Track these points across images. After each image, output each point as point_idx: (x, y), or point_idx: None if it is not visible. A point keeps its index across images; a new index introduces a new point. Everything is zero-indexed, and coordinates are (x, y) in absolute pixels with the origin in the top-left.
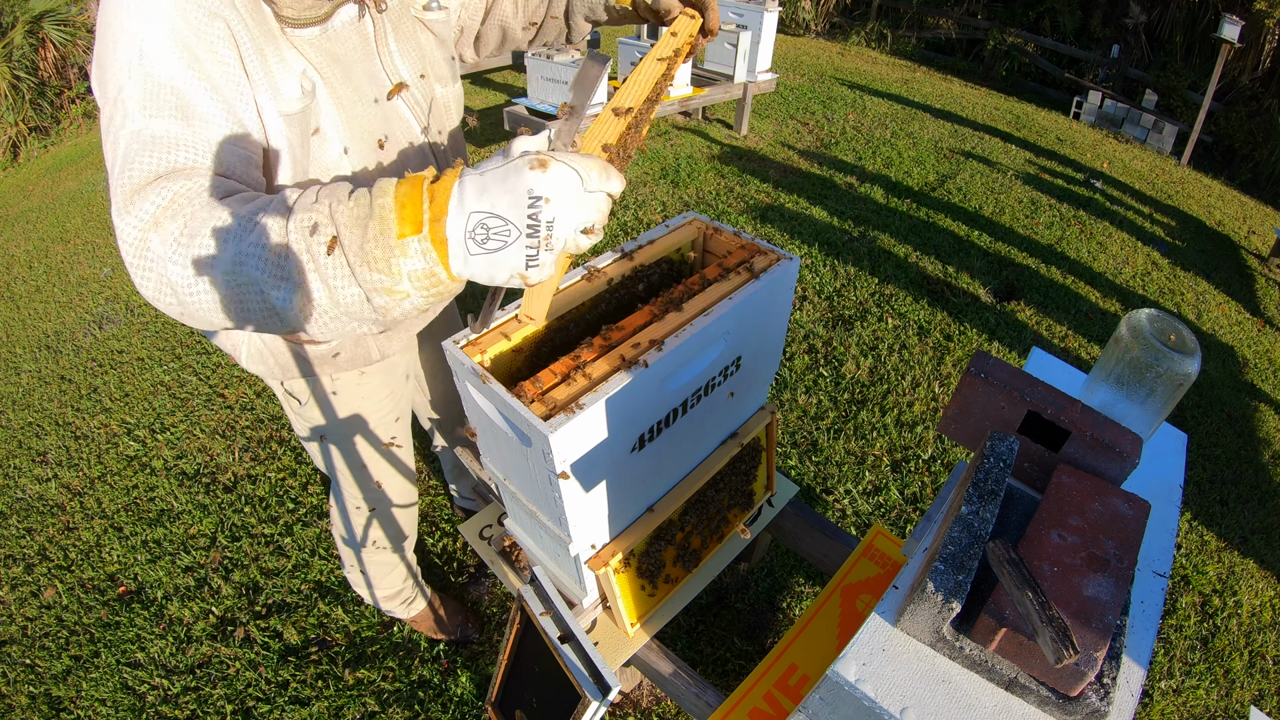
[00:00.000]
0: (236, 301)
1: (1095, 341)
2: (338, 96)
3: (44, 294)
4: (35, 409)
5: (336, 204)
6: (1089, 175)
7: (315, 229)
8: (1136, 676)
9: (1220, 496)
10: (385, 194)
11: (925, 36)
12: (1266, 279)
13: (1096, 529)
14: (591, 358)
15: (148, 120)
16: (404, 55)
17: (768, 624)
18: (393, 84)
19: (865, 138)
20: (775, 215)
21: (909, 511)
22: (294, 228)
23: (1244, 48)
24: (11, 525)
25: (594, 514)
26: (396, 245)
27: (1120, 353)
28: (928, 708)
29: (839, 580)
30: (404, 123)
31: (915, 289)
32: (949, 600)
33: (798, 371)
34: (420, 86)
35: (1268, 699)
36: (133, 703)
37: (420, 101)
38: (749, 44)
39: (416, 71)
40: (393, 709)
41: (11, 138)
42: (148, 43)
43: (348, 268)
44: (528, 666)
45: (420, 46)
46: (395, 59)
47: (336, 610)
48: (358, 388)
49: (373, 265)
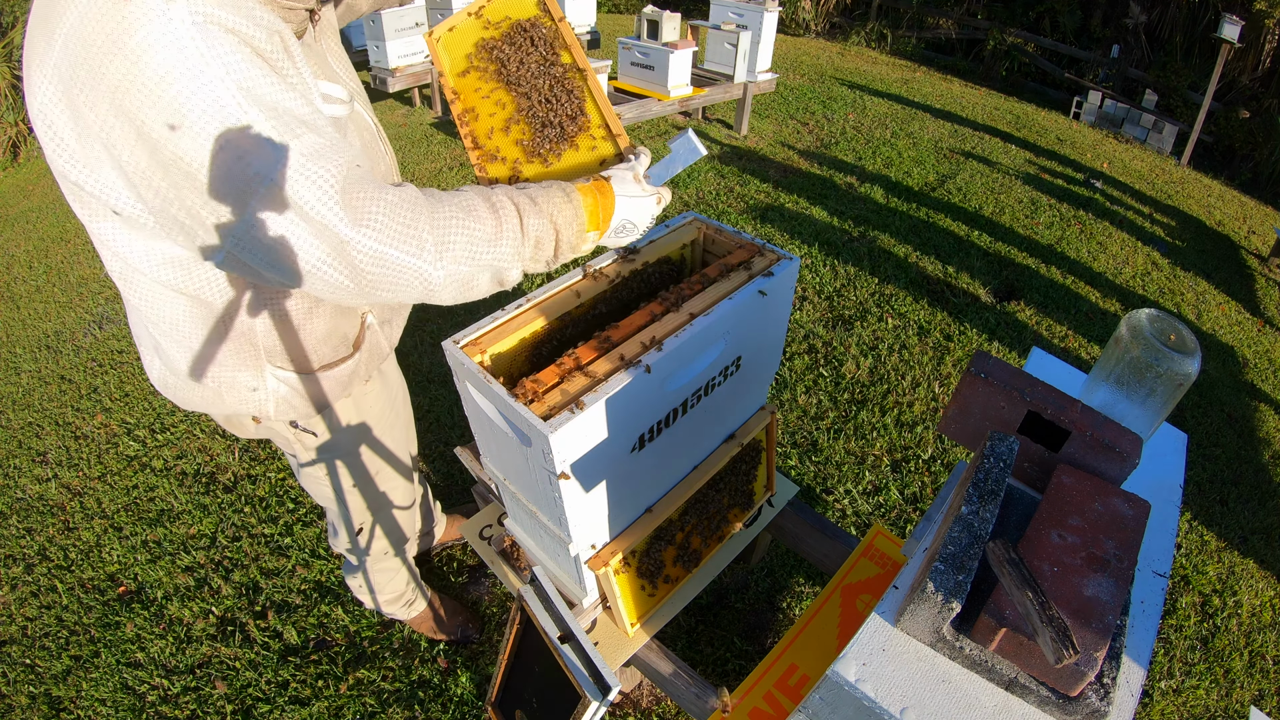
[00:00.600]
0: (470, 283)
1: (1095, 341)
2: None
3: (44, 294)
4: (35, 409)
5: (553, 209)
6: (1089, 175)
7: (539, 242)
8: (1136, 676)
9: (1220, 496)
10: (580, 202)
11: (925, 36)
12: (1266, 279)
13: (1096, 529)
14: (591, 358)
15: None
16: (333, 55)
17: (768, 624)
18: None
19: (865, 138)
20: (775, 215)
21: (909, 511)
22: (530, 232)
23: (1244, 48)
24: (11, 525)
25: (594, 514)
26: (585, 236)
27: (1120, 353)
28: (928, 708)
29: (839, 580)
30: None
31: (915, 289)
32: (949, 600)
33: (798, 371)
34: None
35: (1268, 699)
36: (133, 703)
37: (359, 93)
38: (749, 44)
39: (345, 68)
40: (393, 709)
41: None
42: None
43: (554, 248)
44: (528, 666)
45: (336, 44)
46: (328, 59)
47: (336, 610)
48: (363, 397)
49: (572, 249)
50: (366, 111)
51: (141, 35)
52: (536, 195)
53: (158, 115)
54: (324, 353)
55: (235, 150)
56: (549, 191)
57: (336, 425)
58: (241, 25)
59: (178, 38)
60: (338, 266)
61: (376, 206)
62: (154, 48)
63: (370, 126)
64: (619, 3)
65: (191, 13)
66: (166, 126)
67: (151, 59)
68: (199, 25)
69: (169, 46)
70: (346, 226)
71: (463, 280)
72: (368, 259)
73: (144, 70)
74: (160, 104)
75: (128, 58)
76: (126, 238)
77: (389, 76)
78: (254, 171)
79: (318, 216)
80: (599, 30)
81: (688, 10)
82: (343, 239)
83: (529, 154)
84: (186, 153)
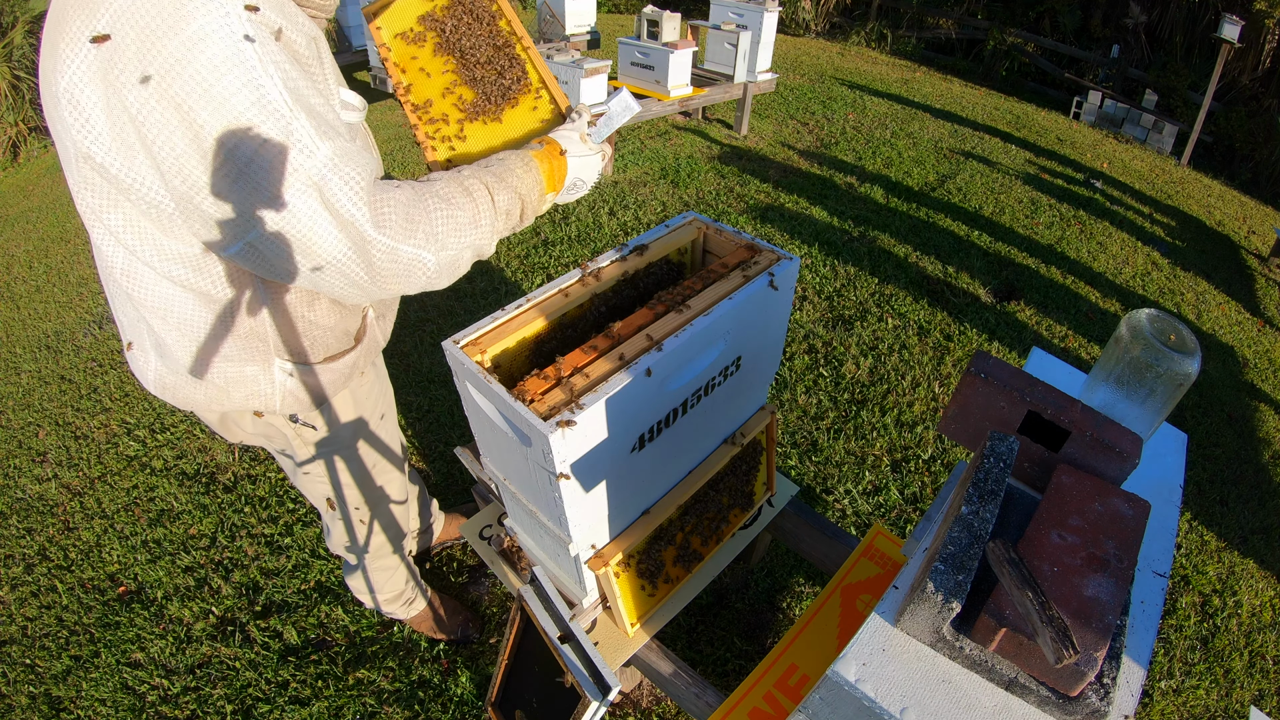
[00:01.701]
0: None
1: (1095, 341)
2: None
3: (44, 294)
4: (35, 409)
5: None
6: (1089, 175)
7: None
8: (1136, 676)
9: (1220, 496)
10: (538, 168)
11: (925, 36)
12: (1266, 279)
13: (1096, 529)
14: (592, 358)
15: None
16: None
17: (768, 624)
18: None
19: (865, 138)
20: (775, 215)
21: (909, 511)
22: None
23: (1244, 48)
24: (11, 525)
25: (594, 514)
26: (545, 199)
27: (1120, 353)
28: (928, 708)
29: (839, 580)
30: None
31: (915, 289)
32: (949, 600)
33: (798, 371)
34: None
35: (1268, 699)
36: (133, 703)
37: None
38: (749, 44)
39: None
40: (393, 709)
41: (11, 138)
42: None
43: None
44: (528, 666)
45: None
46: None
47: (336, 610)
48: (360, 389)
49: (535, 213)
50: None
51: (200, 23)
52: (500, 171)
53: (206, 104)
54: (329, 345)
55: (278, 147)
56: (508, 164)
57: (335, 419)
58: (287, 28)
59: (233, 32)
60: (358, 261)
61: (389, 207)
62: (211, 38)
63: (367, 130)
64: (619, 3)
65: (248, 10)
66: (213, 115)
67: (207, 49)
68: (254, 24)
69: (226, 40)
70: (370, 226)
71: (452, 262)
72: (384, 255)
73: (198, 58)
74: (210, 94)
75: (183, 43)
76: (138, 230)
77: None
78: (294, 168)
79: (348, 216)
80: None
81: (688, 10)
82: (366, 238)
83: (471, 115)
84: (229, 143)
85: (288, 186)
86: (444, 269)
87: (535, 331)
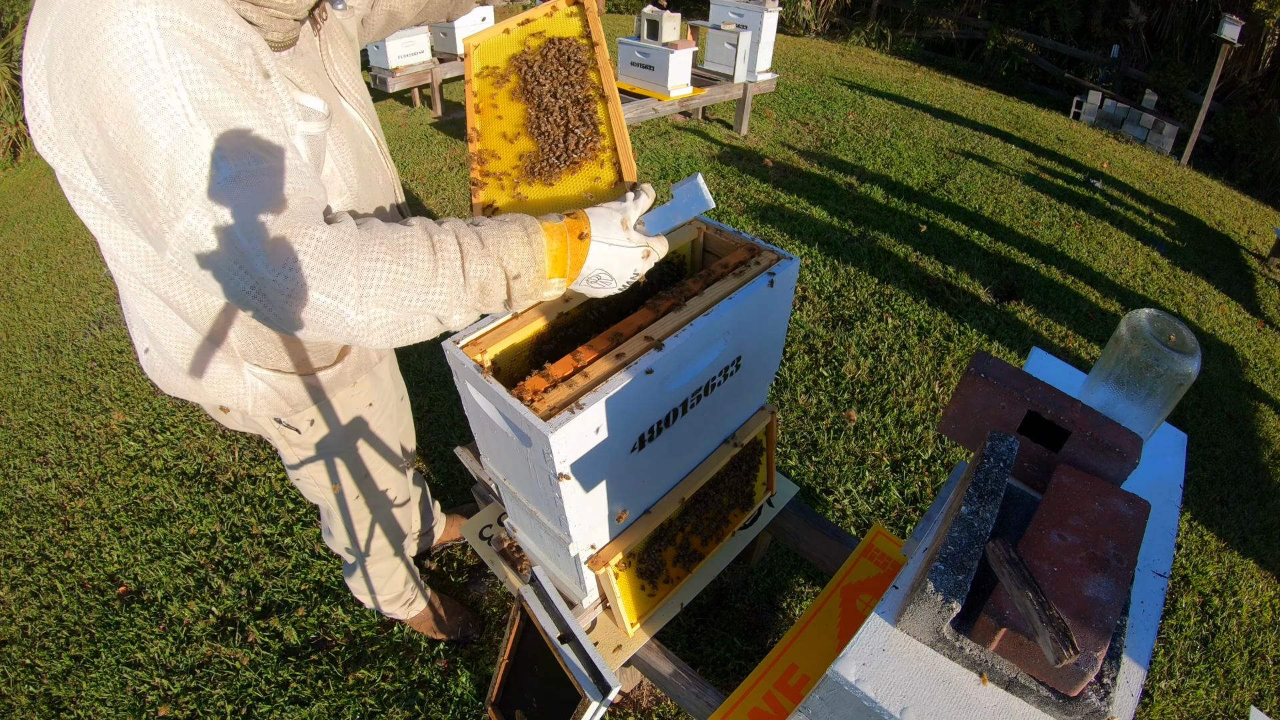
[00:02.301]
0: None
1: (1095, 341)
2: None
3: (44, 294)
4: (35, 409)
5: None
6: (1089, 175)
7: (485, 288)
8: (1136, 676)
9: (1220, 496)
10: (542, 245)
11: (925, 36)
12: (1266, 279)
13: (1096, 529)
14: (592, 358)
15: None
16: (340, 64)
17: (768, 624)
18: (340, 93)
19: (865, 138)
20: (775, 215)
21: (909, 511)
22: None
23: (1244, 48)
24: (11, 525)
25: (594, 514)
26: (547, 283)
27: (1120, 353)
28: (928, 708)
29: (839, 580)
30: (359, 126)
31: (915, 289)
32: (949, 600)
33: (798, 371)
34: (360, 91)
35: (1268, 699)
36: (133, 703)
37: (364, 104)
38: (749, 44)
39: (351, 78)
40: (393, 709)
41: (11, 138)
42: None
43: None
44: (528, 666)
45: (346, 53)
46: (335, 67)
47: (336, 610)
48: (351, 398)
49: (529, 296)
50: (368, 124)
51: (109, 33)
52: (488, 235)
53: (113, 114)
54: (302, 359)
55: (172, 162)
56: (506, 230)
57: (321, 425)
58: (209, 35)
59: (140, 40)
60: (259, 299)
61: (302, 245)
62: (117, 47)
63: (368, 139)
64: (619, 3)
65: (159, 17)
66: (119, 127)
67: (113, 58)
68: (164, 30)
69: (131, 49)
70: (262, 264)
71: (393, 324)
72: (282, 297)
73: (106, 68)
74: (116, 104)
75: (94, 53)
76: (104, 225)
77: (389, 76)
78: (190, 187)
79: (241, 247)
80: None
81: (688, 10)
82: (259, 275)
83: (527, 172)
84: (134, 155)
85: (185, 206)
86: (379, 329)
87: (535, 331)
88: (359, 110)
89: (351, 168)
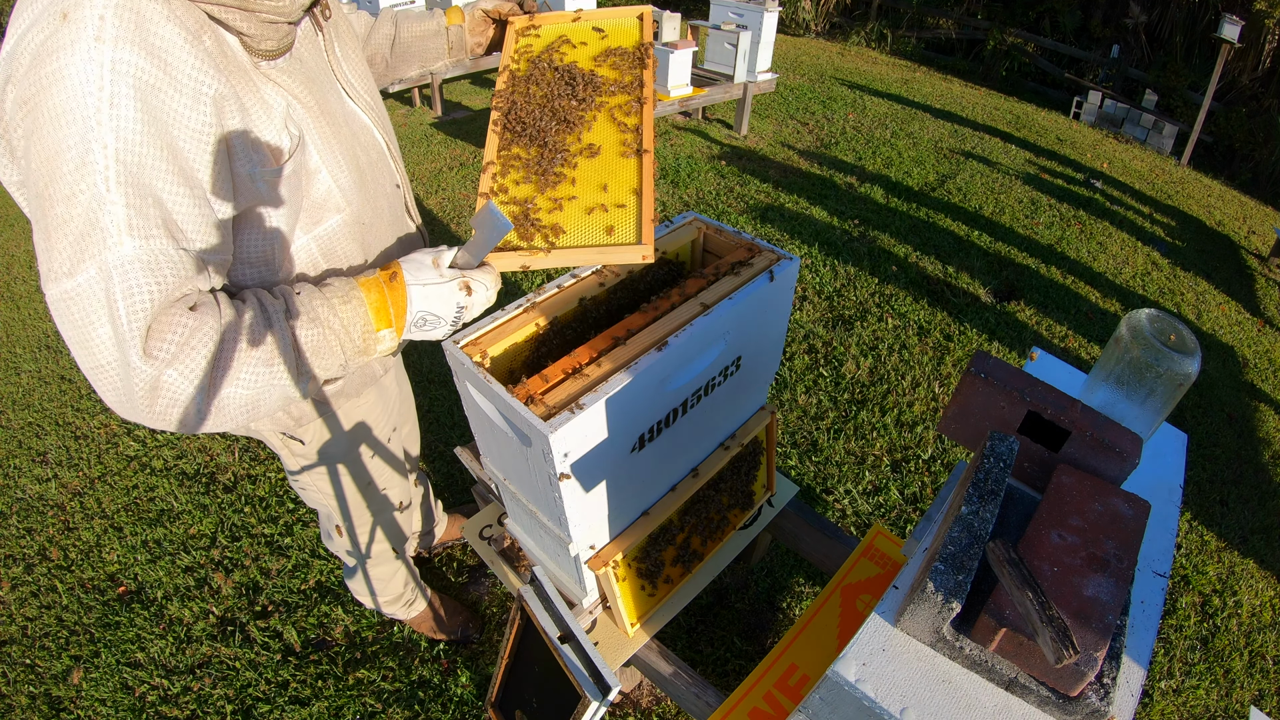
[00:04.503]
0: (254, 405)
1: (1095, 341)
2: (320, 126)
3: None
4: (35, 409)
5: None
6: (1089, 175)
7: (318, 350)
8: (1136, 676)
9: (1220, 496)
10: (359, 301)
11: (925, 36)
12: (1266, 279)
13: (1096, 529)
14: (591, 358)
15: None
16: (348, 63)
17: (768, 624)
18: (348, 94)
19: (865, 138)
20: (775, 215)
21: (909, 511)
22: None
23: (1244, 48)
24: (11, 525)
25: (594, 514)
26: (377, 336)
27: (1120, 353)
28: (928, 708)
29: (839, 580)
30: (366, 130)
31: (915, 289)
32: (949, 600)
33: (798, 371)
34: (369, 92)
35: (1268, 699)
36: (133, 703)
37: (374, 106)
38: (749, 44)
39: (360, 77)
40: (393, 709)
41: None
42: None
43: (342, 356)
44: (528, 666)
45: (355, 52)
46: (343, 66)
47: (336, 610)
48: (354, 410)
49: (361, 352)
50: (378, 126)
51: (62, 62)
52: (314, 300)
53: (39, 149)
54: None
55: (84, 224)
56: (330, 291)
57: (323, 435)
58: (163, 85)
59: (87, 80)
60: (120, 380)
61: (172, 331)
62: (64, 81)
63: (377, 143)
64: (619, 2)
65: (115, 60)
66: (42, 164)
67: (57, 91)
68: (116, 76)
69: (78, 87)
70: (137, 352)
71: (244, 403)
72: (144, 386)
73: (47, 100)
74: (45, 142)
75: (41, 79)
76: None
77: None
78: (89, 253)
79: (122, 329)
80: None
81: (688, 10)
82: (130, 363)
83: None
84: (46, 197)
85: (81, 269)
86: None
87: (535, 331)
88: (368, 112)
89: (349, 181)
